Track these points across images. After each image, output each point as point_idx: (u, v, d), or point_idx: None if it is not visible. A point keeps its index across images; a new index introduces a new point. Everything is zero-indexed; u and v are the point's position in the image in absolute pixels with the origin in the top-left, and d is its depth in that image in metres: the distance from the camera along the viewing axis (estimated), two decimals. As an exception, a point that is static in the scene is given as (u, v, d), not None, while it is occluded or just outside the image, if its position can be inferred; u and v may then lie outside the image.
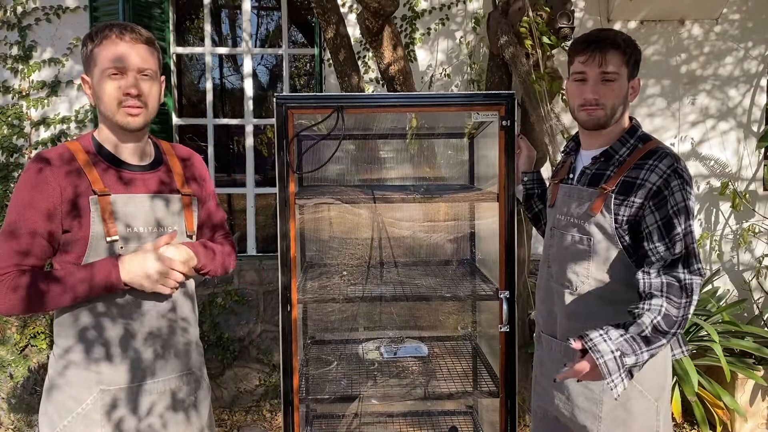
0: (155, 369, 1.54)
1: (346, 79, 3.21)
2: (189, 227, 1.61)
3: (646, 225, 1.50)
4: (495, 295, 2.09)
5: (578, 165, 1.70)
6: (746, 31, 3.95)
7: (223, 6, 7.01)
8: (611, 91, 1.57)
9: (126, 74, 1.46)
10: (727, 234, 4.03)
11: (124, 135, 1.53)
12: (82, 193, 1.46)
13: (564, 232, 1.66)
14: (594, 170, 1.62)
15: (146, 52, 1.50)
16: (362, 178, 2.74)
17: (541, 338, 1.78)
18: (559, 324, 1.68)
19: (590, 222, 1.57)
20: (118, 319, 1.49)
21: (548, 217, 1.80)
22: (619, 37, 1.58)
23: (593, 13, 3.94)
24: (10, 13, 3.93)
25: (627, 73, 1.59)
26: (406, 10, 3.97)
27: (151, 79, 1.50)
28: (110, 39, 1.46)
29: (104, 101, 1.47)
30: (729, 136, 3.99)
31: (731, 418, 3.20)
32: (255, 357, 3.92)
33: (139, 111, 1.48)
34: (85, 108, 3.99)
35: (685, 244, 1.46)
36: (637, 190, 1.50)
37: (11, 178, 3.99)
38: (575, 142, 1.76)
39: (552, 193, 1.78)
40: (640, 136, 1.62)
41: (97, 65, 1.47)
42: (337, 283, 2.35)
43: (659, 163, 1.50)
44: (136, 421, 1.52)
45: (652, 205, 1.49)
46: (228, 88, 8.41)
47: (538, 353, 1.82)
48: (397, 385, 2.27)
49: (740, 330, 3.31)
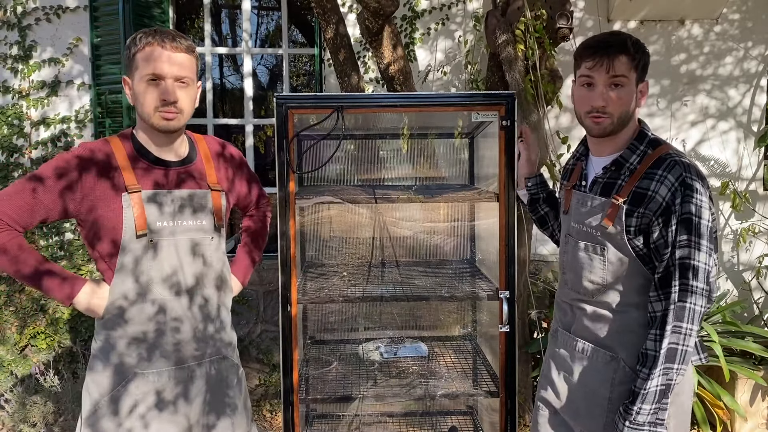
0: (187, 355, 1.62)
1: (346, 79, 3.21)
2: (218, 221, 1.68)
3: (654, 240, 1.48)
4: (495, 295, 2.09)
5: (589, 171, 1.68)
6: (746, 31, 3.95)
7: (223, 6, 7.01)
8: (619, 98, 1.54)
9: (164, 81, 1.53)
10: (727, 234, 4.03)
11: (159, 136, 1.61)
12: (115, 188, 1.53)
13: (578, 240, 1.64)
14: (605, 179, 1.60)
15: (185, 60, 1.57)
16: (362, 178, 2.74)
17: (558, 333, 1.75)
18: (576, 324, 1.67)
19: (603, 232, 1.56)
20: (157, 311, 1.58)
21: (563, 223, 1.77)
22: (629, 41, 1.54)
23: (593, 13, 3.94)
24: (10, 13, 3.93)
25: (635, 78, 1.55)
26: (406, 10, 3.97)
27: (188, 86, 1.58)
28: (152, 46, 1.53)
29: (142, 105, 1.55)
30: (729, 135, 3.99)
31: (731, 418, 3.20)
32: (255, 357, 3.92)
33: (175, 116, 1.56)
34: (85, 108, 4.00)
35: None
36: (648, 202, 1.48)
37: (11, 178, 3.99)
38: (585, 147, 1.73)
39: (565, 198, 1.75)
40: (650, 140, 1.58)
41: (137, 70, 1.54)
42: (337, 283, 2.35)
43: (668, 174, 1.47)
44: (170, 403, 1.59)
45: (661, 221, 1.46)
46: (228, 88, 8.41)
47: (552, 347, 1.78)
48: (397, 385, 2.27)
49: (740, 330, 3.31)
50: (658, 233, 1.46)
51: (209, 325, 1.66)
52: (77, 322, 3.84)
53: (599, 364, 1.59)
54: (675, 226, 1.43)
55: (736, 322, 3.36)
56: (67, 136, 3.99)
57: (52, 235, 3.99)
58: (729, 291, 3.99)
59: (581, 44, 1.61)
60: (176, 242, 1.59)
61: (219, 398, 1.69)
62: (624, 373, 1.54)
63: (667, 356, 1.42)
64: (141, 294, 1.56)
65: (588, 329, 1.62)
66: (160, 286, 1.57)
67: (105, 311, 1.56)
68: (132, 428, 1.55)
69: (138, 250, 1.55)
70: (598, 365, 1.59)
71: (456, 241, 2.74)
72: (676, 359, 1.42)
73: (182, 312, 1.60)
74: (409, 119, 2.39)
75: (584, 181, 1.68)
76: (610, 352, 1.57)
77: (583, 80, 1.58)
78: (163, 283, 1.58)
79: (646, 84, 1.61)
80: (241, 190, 1.86)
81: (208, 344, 1.66)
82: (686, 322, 1.41)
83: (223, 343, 1.72)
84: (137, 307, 1.56)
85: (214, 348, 1.68)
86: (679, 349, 1.42)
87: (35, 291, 3.88)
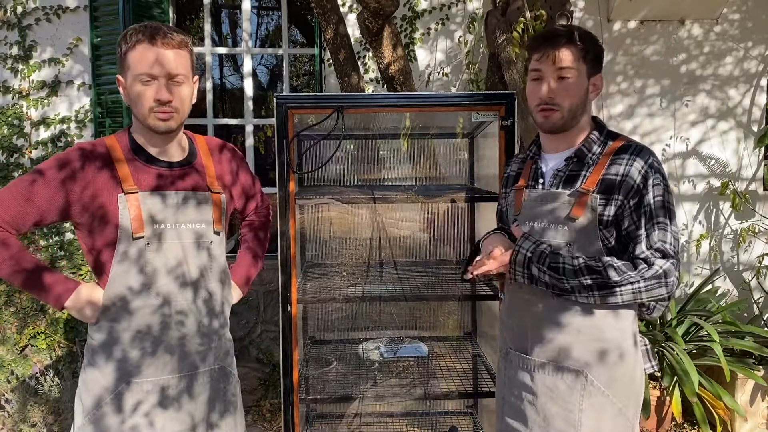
0: (179, 364, 1.58)
1: (346, 79, 3.21)
2: (216, 224, 1.63)
3: (625, 226, 1.46)
4: (495, 295, 2.09)
5: (545, 168, 1.61)
6: (746, 30, 3.95)
7: (223, 6, 7.01)
8: (567, 91, 1.49)
9: (157, 79, 1.47)
10: (727, 234, 4.03)
11: (155, 136, 1.56)
12: (111, 189, 1.49)
13: (541, 237, 1.56)
14: (567, 171, 1.55)
15: (178, 56, 1.50)
16: (362, 178, 2.74)
17: (510, 355, 1.63)
18: (530, 337, 1.56)
19: (572, 225, 1.49)
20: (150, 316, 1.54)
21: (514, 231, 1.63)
22: (576, 32, 1.50)
23: (593, 13, 3.94)
24: (10, 13, 3.93)
25: (586, 70, 1.51)
26: (406, 10, 3.97)
27: (183, 83, 1.51)
28: (142, 44, 1.47)
29: (137, 106, 1.50)
30: (729, 135, 4.00)
31: (731, 417, 3.20)
32: (255, 357, 3.92)
33: (170, 116, 1.51)
34: (85, 108, 4.00)
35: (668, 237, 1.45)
36: (620, 186, 1.46)
37: (11, 178, 3.99)
38: (537, 146, 1.66)
39: (516, 199, 1.65)
40: (608, 132, 1.57)
41: (129, 70, 1.49)
42: (336, 283, 2.35)
43: (637, 157, 1.46)
44: (162, 412, 1.55)
45: (632, 204, 1.45)
46: (228, 88, 8.41)
47: (506, 372, 1.64)
48: (397, 385, 2.28)
49: (740, 330, 3.31)
50: (630, 218, 1.45)
51: (214, 321, 1.63)
52: (77, 322, 3.84)
53: (565, 383, 1.49)
54: (648, 208, 1.44)
55: (736, 322, 3.36)
56: (67, 136, 3.99)
57: (52, 235, 3.99)
58: (729, 291, 3.99)
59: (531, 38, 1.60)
60: (179, 237, 1.56)
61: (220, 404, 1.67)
62: (593, 390, 1.46)
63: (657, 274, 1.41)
64: (145, 285, 1.52)
65: (546, 343, 1.51)
66: (163, 280, 1.54)
67: (107, 300, 1.52)
68: (136, 425, 1.53)
69: (135, 247, 1.52)
70: (564, 384, 1.49)
71: (456, 241, 2.74)
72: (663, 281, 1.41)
73: (186, 306, 1.57)
74: (409, 119, 2.39)
75: (541, 179, 1.61)
76: (576, 368, 1.48)
77: (532, 74, 1.54)
78: (167, 276, 1.54)
79: (600, 77, 1.56)
80: (241, 190, 1.81)
81: (212, 340, 1.63)
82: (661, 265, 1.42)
83: (223, 350, 1.68)
84: (140, 300, 1.52)
85: (217, 353, 1.65)
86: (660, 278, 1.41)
87: (35, 291, 3.88)
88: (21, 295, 3.91)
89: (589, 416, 1.47)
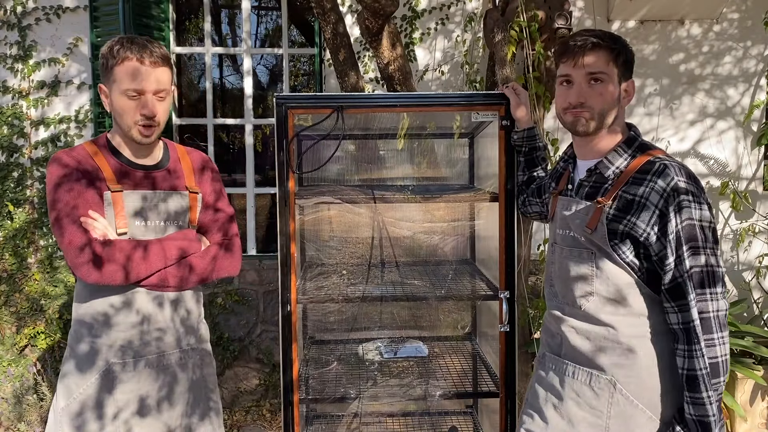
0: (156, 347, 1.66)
1: (345, 79, 3.20)
2: (192, 221, 1.74)
3: (655, 252, 1.39)
4: (495, 295, 2.09)
5: (576, 176, 1.60)
6: (745, 30, 3.95)
7: (223, 6, 7.00)
8: (599, 94, 1.45)
9: (144, 95, 1.57)
10: (727, 234, 4.03)
11: (135, 145, 1.66)
12: (98, 189, 1.59)
13: (563, 247, 1.56)
14: (591, 183, 1.52)
15: (163, 74, 1.60)
16: (362, 178, 2.74)
17: (545, 358, 1.63)
18: (564, 346, 1.56)
19: (589, 237, 1.47)
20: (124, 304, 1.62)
21: (549, 231, 1.70)
22: (607, 36, 1.47)
23: (592, 13, 3.94)
24: (10, 13, 3.93)
25: (617, 74, 1.47)
26: (406, 9, 3.97)
27: (165, 99, 1.62)
28: (131, 61, 1.55)
29: (122, 117, 1.59)
30: (728, 135, 4.00)
31: (731, 417, 3.20)
32: (255, 357, 3.92)
33: (152, 131, 1.61)
34: (84, 108, 3.99)
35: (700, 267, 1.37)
36: (638, 210, 1.39)
37: (11, 178, 3.99)
38: (573, 150, 1.65)
39: (551, 205, 1.67)
40: (639, 145, 1.49)
41: (116, 83, 1.57)
42: (336, 283, 2.35)
43: (658, 179, 1.38)
44: (138, 393, 1.63)
45: (658, 231, 1.38)
46: (228, 88, 8.40)
47: (539, 373, 1.65)
48: (397, 385, 2.28)
49: (740, 330, 3.31)
50: (658, 244, 1.38)
51: None
52: (77, 322, 3.84)
53: (593, 390, 1.47)
54: (675, 234, 1.36)
55: (736, 322, 3.37)
56: (67, 136, 3.99)
57: (51, 235, 3.99)
58: (729, 291, 3.99)
59: (560, 42, 1.55)
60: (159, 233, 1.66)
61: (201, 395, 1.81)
62: (621, 399, 1.44)
63: (712, 372, 1.34)
64: None
65: (578, 350, 1.51)
66: None
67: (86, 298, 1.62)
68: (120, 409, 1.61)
69: None
70: (591, 391, 1.48)
71: (456, 241, 2.74)
72: (720, 372, 1.35)
73: None
74: (408, 119, 2.39)
75: (571, 185, 1.60)
76: (605, 376, 1.46)
77: (561, 79, 1.52)
78: None
79: (632, 83, 1.52)
80: (209, 198, 1.80)
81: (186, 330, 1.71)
82: (716, 332, 1.35)
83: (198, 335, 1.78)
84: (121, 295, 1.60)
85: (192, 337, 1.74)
86: (719, 361, 1.35)
87: (34, 291, 3.89)
88: (20, 295, 3.91)
89: (616, 421, 1.45)
